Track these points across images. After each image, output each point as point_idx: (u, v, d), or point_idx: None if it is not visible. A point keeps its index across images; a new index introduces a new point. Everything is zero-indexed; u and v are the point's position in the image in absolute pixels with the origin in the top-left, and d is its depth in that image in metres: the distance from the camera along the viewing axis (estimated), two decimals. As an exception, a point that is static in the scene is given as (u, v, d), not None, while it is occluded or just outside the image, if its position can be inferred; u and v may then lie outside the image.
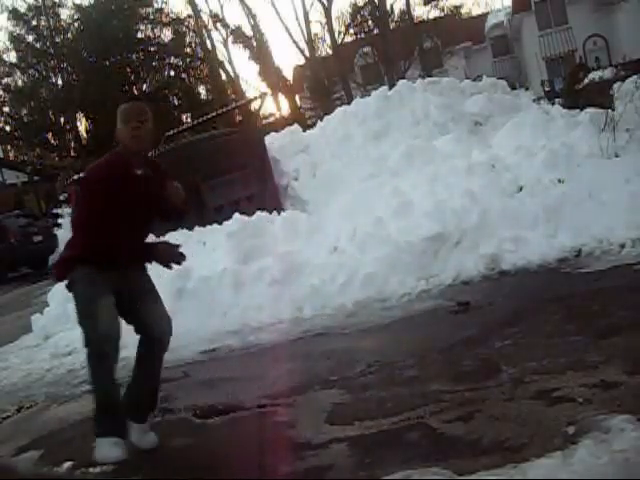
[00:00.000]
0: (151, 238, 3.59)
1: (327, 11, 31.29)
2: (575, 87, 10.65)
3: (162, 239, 3.80)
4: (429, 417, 2.92)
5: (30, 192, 27.54)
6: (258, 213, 6.92)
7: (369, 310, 5.00)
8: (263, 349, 4.70)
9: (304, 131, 10.83)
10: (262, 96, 13.03)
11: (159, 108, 32.18)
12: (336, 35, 32.71)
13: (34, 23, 32.03)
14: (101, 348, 3.16)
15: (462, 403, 2.98)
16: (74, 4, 32.46)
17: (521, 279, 4.87)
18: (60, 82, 32.23)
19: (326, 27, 32.44)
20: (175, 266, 3.50)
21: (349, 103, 12.57)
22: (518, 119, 7.71)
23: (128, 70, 32.60)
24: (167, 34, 34.55)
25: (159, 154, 8.90)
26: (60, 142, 32.74)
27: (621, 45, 27.57)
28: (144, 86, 34.04)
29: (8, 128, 32.72)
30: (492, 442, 2.56)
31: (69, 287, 3.23)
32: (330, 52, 33.66)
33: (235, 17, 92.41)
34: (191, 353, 5.13)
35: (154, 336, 3.43)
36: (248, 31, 32.48)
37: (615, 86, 8.33)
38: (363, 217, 6.16)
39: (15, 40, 31.99)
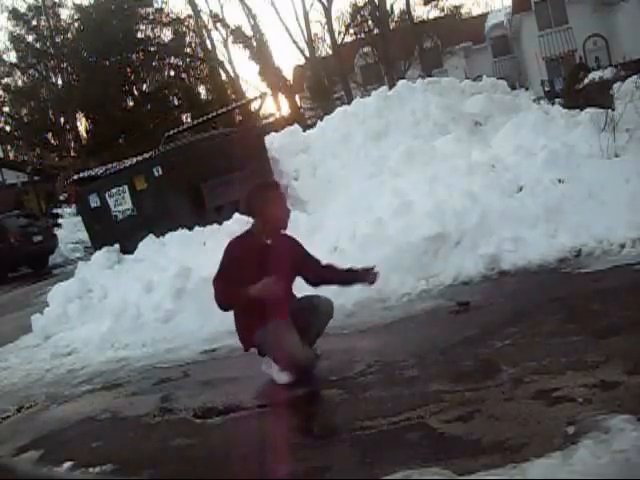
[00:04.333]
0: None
1: (327, 11, 31.33)
2: (575, 87, 10.64)
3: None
4: (429, 417, 2.92)
5: (30, 192, 27.51)
6: (258, 213, 6.90)
7: (369, 310, 5.00)
8: (263, 349, 4.69)
9: (304, 131, 10.83)
10: (262, 96, 13.00)
11: (159, 108, 32.31)
12: (336, 35, 32.74)
13: (34, 23, 32.10)
14: None
15: (462, 403, 2.98)
16: (74, 4, 32.59)
17: (521, 279, 4.87)
18: (60, 82, 32.30)
19: (326, 27, 32.51)
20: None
21: (349, 103, 12.57)
22: (518, 119, 7.70)
23: (128, 70, 32.64)
24: (167, 34, 34.69)
25: (159, 154, 8.90)
26: (60, 142, 32.79)
27: (621, 45, 27.59)
28: (144, 86, 34.11)
29: (8, 128, 32.78)
30: (492, 442, 2.56)
31: None
32: (330, 52, 33.68)
33: (235, 17, 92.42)
34: (191, 353, 5.14)
35: None
36: (248, 31, 32.53)
37: (615, 86, 8.34)
38: (363, 217, 6.15)
39: (15, 40, 32.05)
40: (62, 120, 32.49)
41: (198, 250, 7.28)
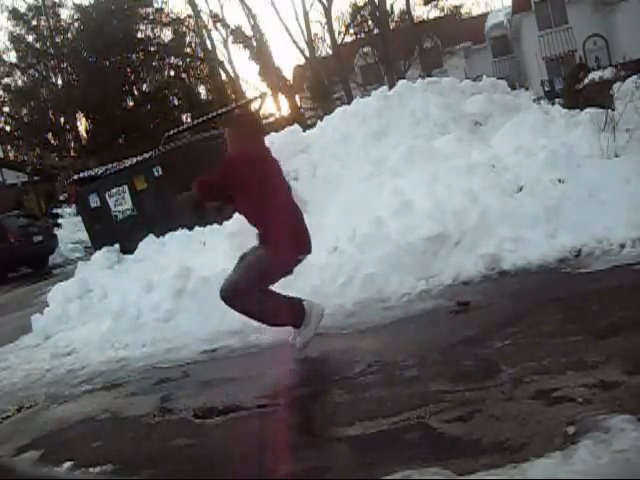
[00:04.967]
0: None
1: (327, 11, 31.34)
2: (575, 87, 10.62)
3: None
4: (429, 417, 2.92)
5: (30, 192, 27.52)
6: (258, 213, 6.90)
7: (369, 310, 5.00)
8: (263, 349, 4.69)
9: (304, 131, 10.82)
10: (262, 96, 13.01)
11: (159, 108, 32.33)
12: (336, 35, 32.75)
13: (34, 23, 32.12)
14: None
15: (462, 403, 2.98)
16: (74, 4, 32.60)
17: (521, 279, 4.86)
18: (60, 82, 32.32)
19: (326, 27, 32.51)
20: None
21: (349, 103, 12.55)
22: (518, 119, 7.69)
23: (128, 70, 32.66)
24: (167, 34, 34.72)
25: (159, 154, 8.91)
26: (60, 142, 32.80)
27: (621, 45, 27.57)
28: (144, 86, 34.13)
29: (8, 128, 32.78)
30: (492, 442, 2.56)
31: None
32: (330, 52, 33.69)
33: (235, 17, 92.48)
34: (191, 353, 5.14)
35: None
36: (248, 31, 32.54)
37: (615, 86, 8.32)
38: (363, 217, 6.15)
39: (15, 40, 32.07)
40: (62, 120, 32.51)
41: (198, 250, 7.29)
